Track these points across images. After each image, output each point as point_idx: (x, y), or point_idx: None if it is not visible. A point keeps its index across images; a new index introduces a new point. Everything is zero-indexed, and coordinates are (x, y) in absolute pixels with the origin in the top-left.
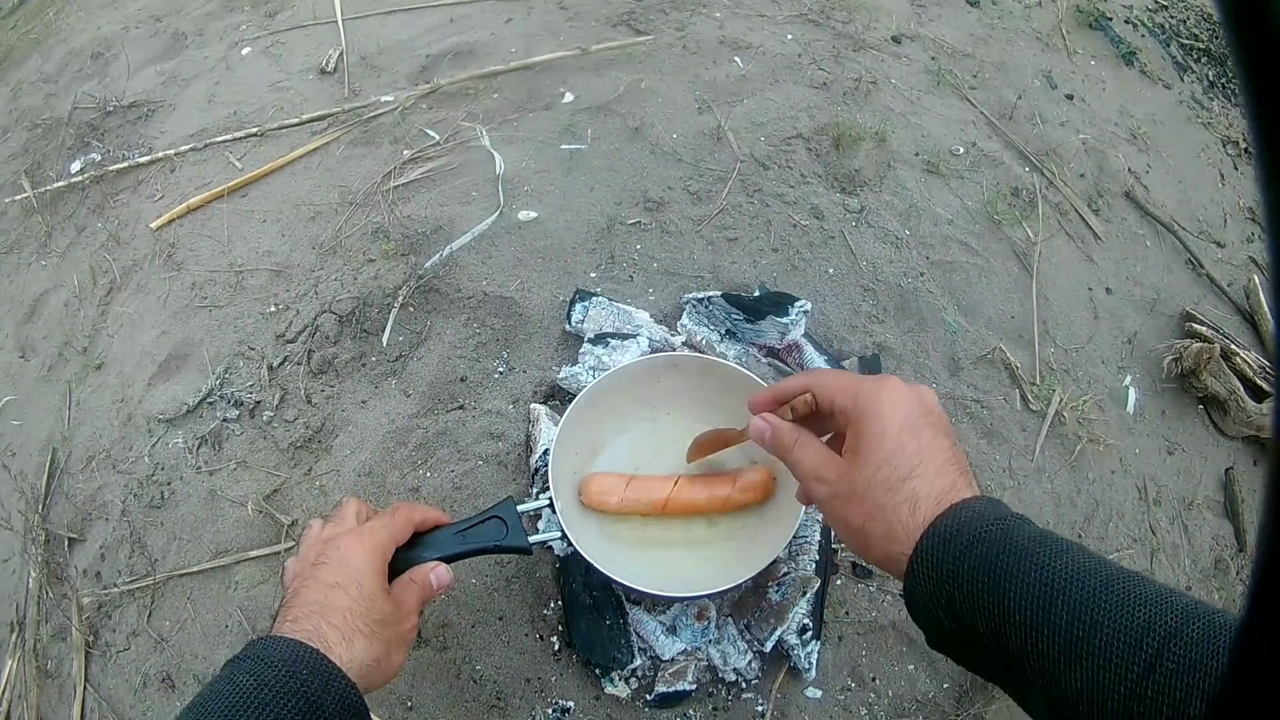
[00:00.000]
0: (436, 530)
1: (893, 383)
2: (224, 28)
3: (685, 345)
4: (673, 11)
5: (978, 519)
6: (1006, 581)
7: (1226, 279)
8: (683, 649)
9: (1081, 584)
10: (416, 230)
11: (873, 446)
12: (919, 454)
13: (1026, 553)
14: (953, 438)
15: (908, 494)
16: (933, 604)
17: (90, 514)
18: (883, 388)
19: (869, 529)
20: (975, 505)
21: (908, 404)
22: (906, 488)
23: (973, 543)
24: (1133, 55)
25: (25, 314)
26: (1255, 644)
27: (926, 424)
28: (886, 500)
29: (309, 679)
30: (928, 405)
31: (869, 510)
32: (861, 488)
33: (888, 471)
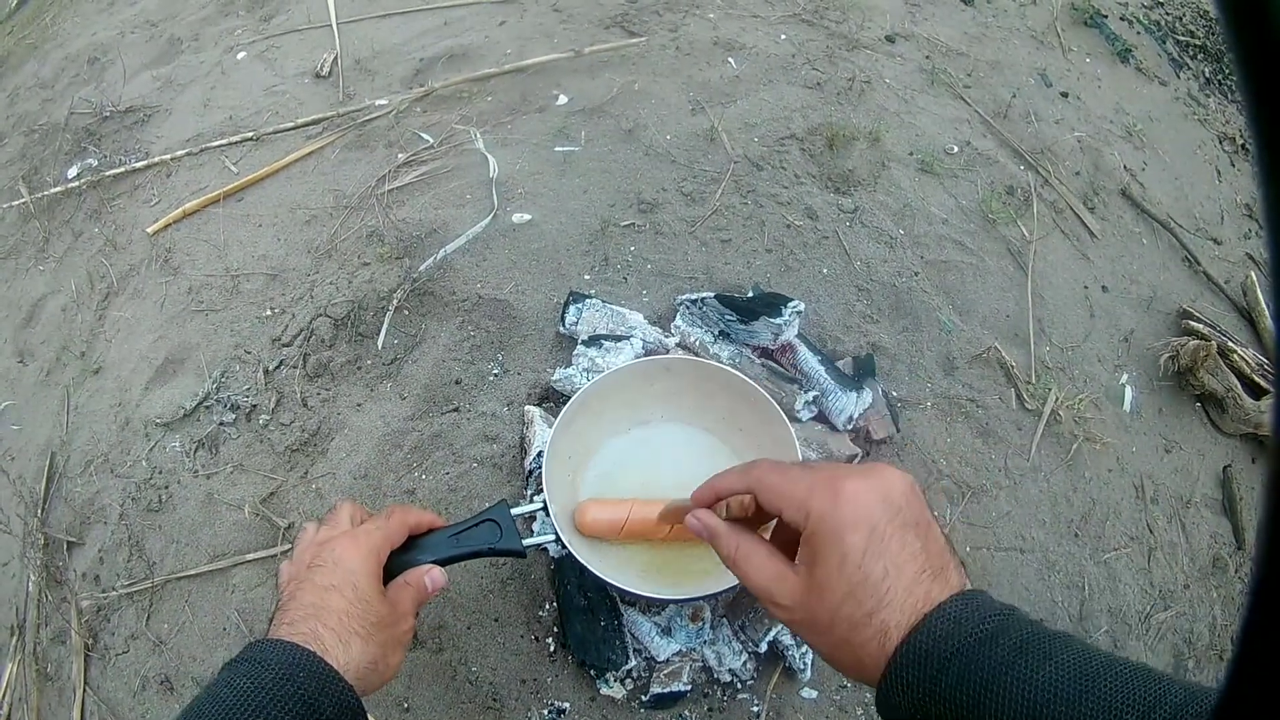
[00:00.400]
0: (431, 533)
1: (850, 491)
2: (219, 32)
3: (679, 346)
4: (666, 13)
5: (953, 632)
6: (987, 700)
7: (1223, 276)
8: (678, 650)
9: (1067, 693)
10: (411, 233)
11: (833, 576)
12: (885, 579)
13: (1007, 665)
14: (926, 526)
15: (876, 628)
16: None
17: (89, 518)
18: (839, 503)
19: (837, 659)
20: (951, 612)
21: (868, 515)
22: (875, 621)
23: (948, 661)
24: (1128, 52)
25: (23, 319)
26: (1256, 643)
27: (894, 529)
28: (853, 636)
29: (306, 682)
30: (893, 502)
31: (834, 643)
32: (825, 620)
33: (852, 606)
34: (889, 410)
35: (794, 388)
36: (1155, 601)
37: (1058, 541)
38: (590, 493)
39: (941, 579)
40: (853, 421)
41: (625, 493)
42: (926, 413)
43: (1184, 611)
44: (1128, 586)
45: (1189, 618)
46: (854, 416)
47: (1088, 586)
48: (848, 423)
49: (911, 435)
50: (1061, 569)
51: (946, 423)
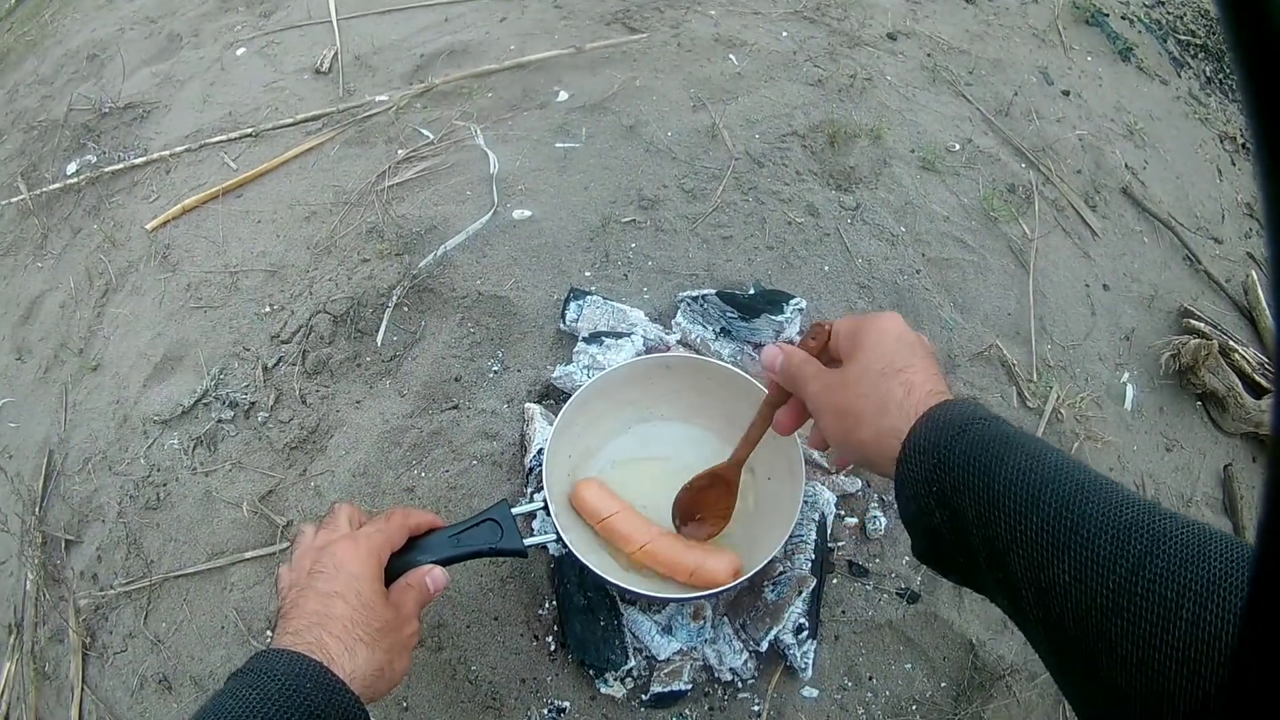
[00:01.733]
0: (431, 534)
1: (884, 313)
2: (219, 28)
3: (680, 344)
4: (667, 9)
5: (969, 411)
6: (996, 466)
7: (1224, 275)
8: (678, 649)
9: (1070, 476)
10: (411, 230)
11: (869, 347)
12: (914, 352)
13: (1016, 442)
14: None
15: (903, 380)
16: (923, 490)
17: (87, 516)
18: (880, 315)
19: (861, 407)
20: (963, 403)
21: (903, 328)
22: (902, 375)
23: (964, 429)
24: (1129, 51)
25: (21, 316)
26: (1257, 641)
27: (920, 346)
28: (882, 383)
29: (312, 693)
30: (922, 339)
31: (863, 391)
32: (855, 376)
33: (884, 363)
34: None
35: None
36: None
37: None
38: None
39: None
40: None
41: (626, 491)
42: None
43: None
44: None
45: None
46: None
47: None
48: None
49: None
50: None
51: None
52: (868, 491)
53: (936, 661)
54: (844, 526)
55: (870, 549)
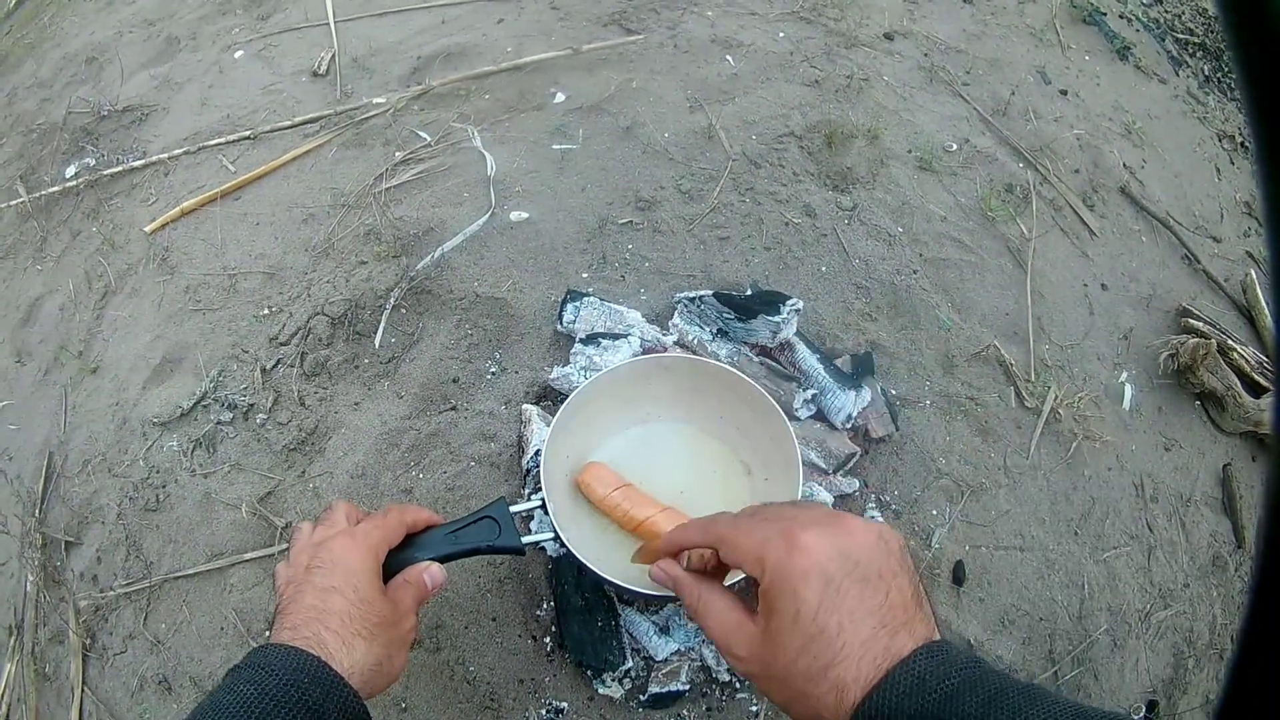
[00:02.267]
0: (429, 531)
1: (803, 542)
2: (216, 31)
3: (677, 345)
4: (664, 11)
5: (916, 689)
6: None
7: (1223, 274)
8: (676, 649)
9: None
10: (408, 232)
11: (787, 629)
12: (840, 634)
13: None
14: (890, 578)
15: (832, 682)
16: None
17: (86, 517)
18: (793, 554)
19: (794, 712)
20: (914, 667)
21: (823, 568)
22: (830, 676)
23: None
24: (1127, 50)
25: (21, 319)
26: (1257, 642)
27: (852, 583)
28: (809, 689)
29: (310, 688)
30: (851, 557)
31: (791, 696)
32: (781, 672)
33: (807, 661)
34: (888, 408)
35: (792, 386)
36: (1155, 600)
37: (1057, 540)
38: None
39: (905, 631)
40: (851, 420)
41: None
42: (925, 411)
43: (1184, 610)
44: (1127, 585)
45: (1189, 616)
46: (852, 415)
47: (1087, 585)
48: (846, 421)
49: (910, 434)
50: (1061, 567)
51: (946, 421)
52: (865, 492)
53: None
54: None
55: None
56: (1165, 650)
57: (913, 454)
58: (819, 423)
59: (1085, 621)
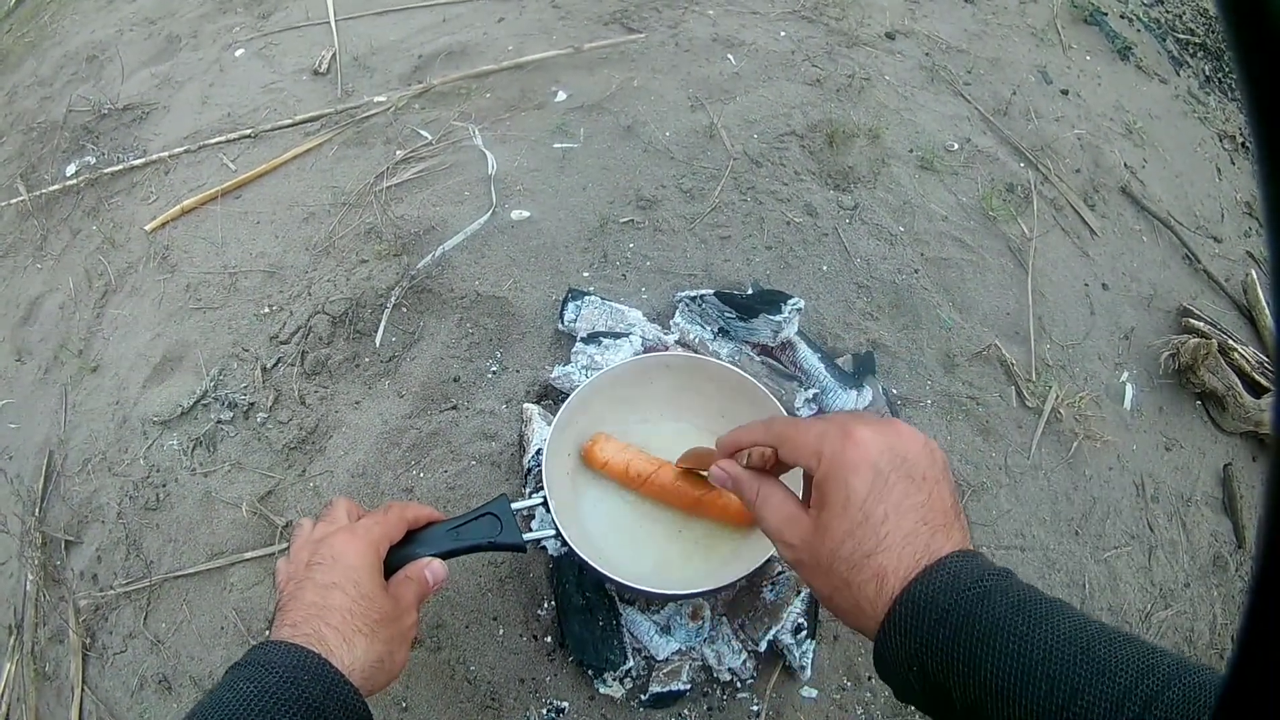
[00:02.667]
0: (430, 527)
1: (858, 436)
2: (217, 30)
3: (678, 344)
4: (665, 9)
5: (951, 585)
6: (983, 653)
7: (1224, 274)
8: (677, 649)
9: (1060, 653)
10: (409, 230)
11: (836, 516)
12: (885, 523)
13: (1003, 622)
14: (933, 483)
15: (874, 570)
16: (903, 670)
17: (86, 516)
18: (847, 445)
19: (836, 601)
20: (950, 566)
21: (874, 461)
22: (872, 564)
23: (946, 613)
24: (1128, 50)
25: (21, 317)
26: (1257, 641)
27: (899, 478)
28: (852, 576)
29: (310, 685)
30: (900, 454)
31: (835, 584)
32: (826, 559)
33: (851, 546)
34: (889, 408)
35: (794, 385)
36: (1156, 600)
37: (1058, 540)
38: (588, 490)
39: (943, 534)
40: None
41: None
42: (927, 410)
43: (1184, 610)
44: (1128, 585)
45: (1189, 616)
46: None
47: (1088, 585)
48: None
49: None
50: (1062, 567)
51: (947, 420)
52: None
53: None
54: None
55: None
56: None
57: None
58: None
59: None
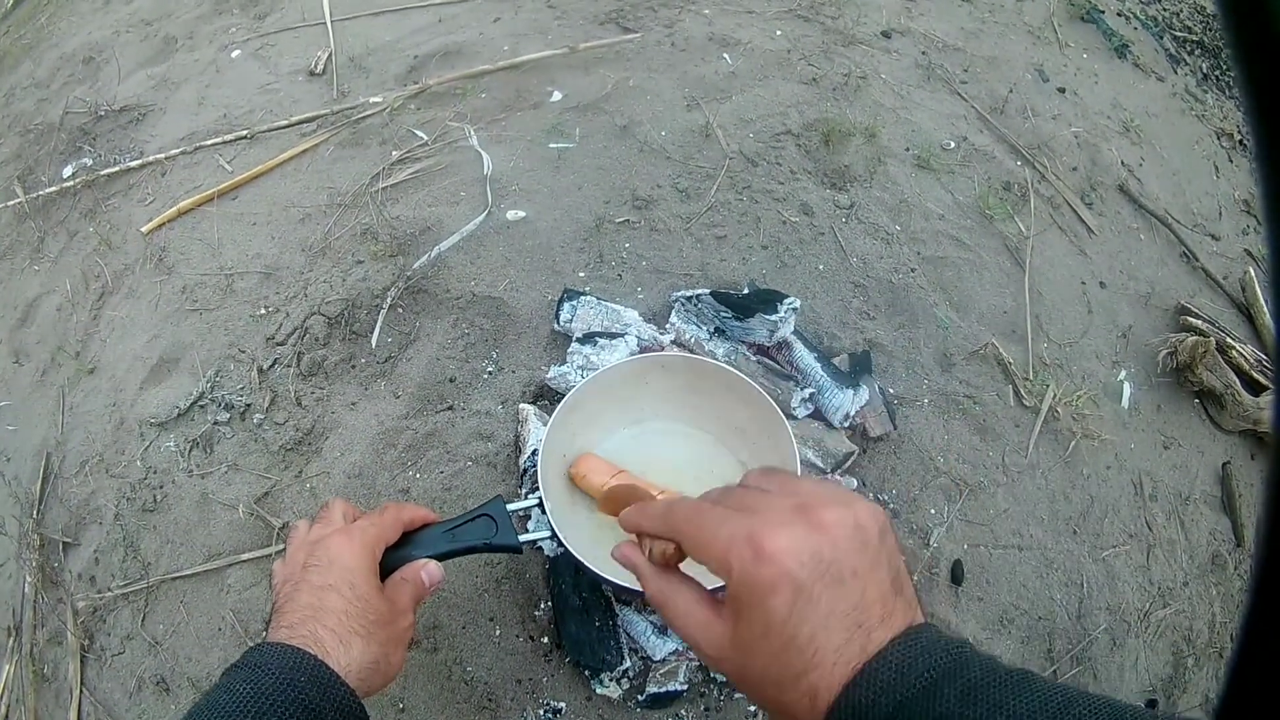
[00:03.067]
0: (426, 529)
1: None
2: (213, 31)
3: (674, 344)
4: (661, 9)
5: (895, 683)
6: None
7: (1222, 272)
8: (674, 649)
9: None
10: (405, 231)
11: (756, 638)
12: (812, 641)
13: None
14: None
15: (804, 690)
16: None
17: (84, 518)
18: (760, 564)
19: (770, 712)
20: (892, 659)
21: (794, 575)
22: (803, 684)
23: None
24: (1125, 48)
25: (18, 319)
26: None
27: (824, 587)
28: (781, 696)
29: (307, 687)
30: (823, 557)
31: (765, 699)
32: (754, 679)
33: (778, 670)
34: (886, 407)
35: (790, 385)
36: (1154, 599)
37: (1056, 539)
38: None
39: (883, 628)
40: (849, 419)
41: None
42: (924, 410)
43: (1183, 609)
44: (1126, 584)
45: (1188, 615)
46: (850, 414)
47: (1086, 584)
48: (844, 420)
49: (908, 432)
50: (1060, 566)
51: (944, 420)
52: (863, 491)
53: None
54: None
55: None
56: (1164, 649)
57: (911, 453)
58: (817, 421)
59: (1084, 620)
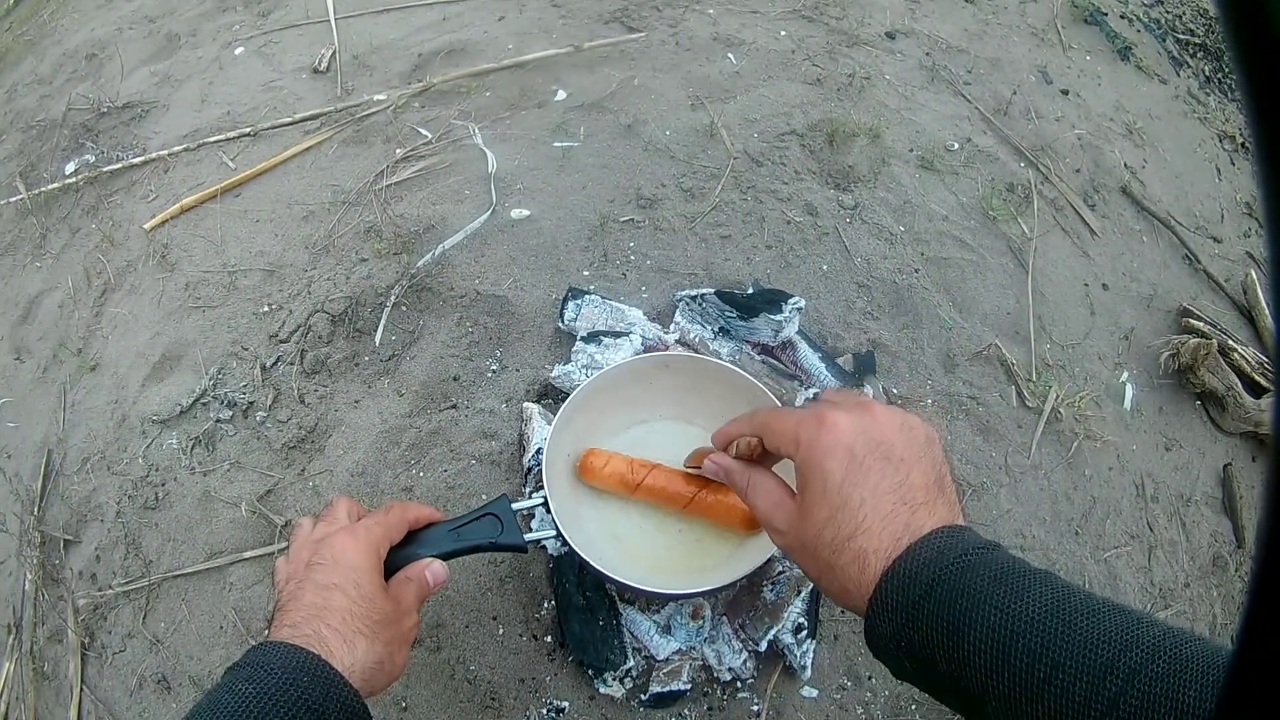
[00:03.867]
0: (431, 528)
1: (831, 421)
2: (217, 28)
3: (678, 343)
4: (666, 8)
5: (934, 560)
6: (965, 626)
7: (1224, 274)
8: (677, 648)
9: (1042, 625)
10: (409, 229)
11: (815, 502)
12: (862, 506)
13: (985, 594)
14: (912, 462)
15: (855, 552)
16: (893, 647)
17: (85, 516)
18: (821, 431)
19: (825, 584)
20: (933, 542)
21: (850, 445)
22: (853, 546)
23: (929, 589)
24: (1128, 50)
25: (20, 316)
26: (1256, 642)
27: (875, 460)
28: (834, 560)
29: (310, 686)
30: (874, 437)
31: (821, 568)
32: (811, 544)
33: (832, 531)
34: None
35: (794, 384)
36: (1155, 600)
37: (1058, 539)
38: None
39: (925, 510)
40: None
41: None
42: (927, 410)
43: (1184, 610)
44: (1128, 585)
45: (1189, 616)
46: None
47: (1088, 584)
48: None
49: None
50: (1062, 567)
51: (947, 420)
52: None
53: None
54: None
55: None
56: None
57: None
58: None
59: None
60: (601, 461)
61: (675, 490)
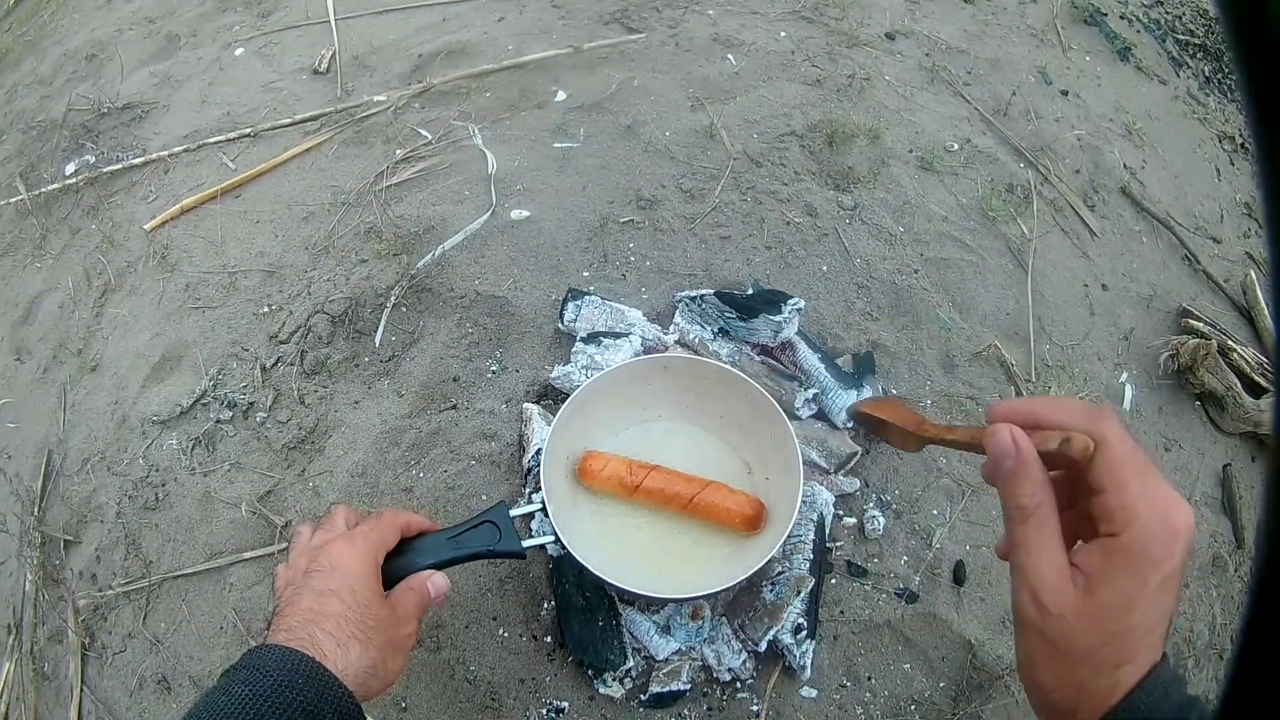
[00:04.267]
0: (429, 536)
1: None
2: (217, 29)
3: (678, 344)
4: (665, 9)
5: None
6: None
7: (1223, 275)
8: (677, 649)
9: None
10: (409, 230)
11: (1115, 606)
12: (1149, 632)
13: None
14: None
15: (1111, 682)
16: None
17: (85, 516)
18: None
19: (1054, 698)
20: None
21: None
22: (1115, 675)
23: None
24: (1128, 51)
25: (20, 316)
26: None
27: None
28: (1089, 682)
29: (305, 688)
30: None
31: (1067, 681)
32: (1078, 652)
33: (1111, 651)
34: None
35: (793, 385)
36: None
37: None
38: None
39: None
40: (852, 419)
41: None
42: (927, 410)
43: (1184, 610)
44: None
45: (1189, 617)
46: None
47: None
48: (847, 421)
49: None
50: None
51: (946, 420)
52: (866, 491)
53: (935, 661)
54: (842, 526)
55: (869, 549)
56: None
57: (914, 454)
58: (820, 422)
59: None
60: (600, 464)
61: (674, 491)
